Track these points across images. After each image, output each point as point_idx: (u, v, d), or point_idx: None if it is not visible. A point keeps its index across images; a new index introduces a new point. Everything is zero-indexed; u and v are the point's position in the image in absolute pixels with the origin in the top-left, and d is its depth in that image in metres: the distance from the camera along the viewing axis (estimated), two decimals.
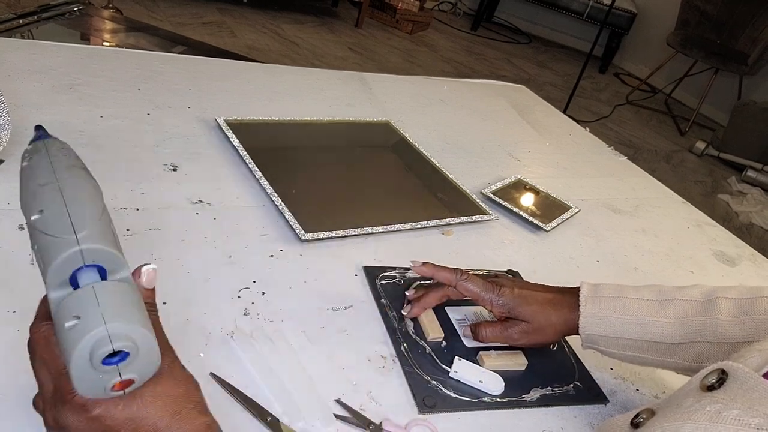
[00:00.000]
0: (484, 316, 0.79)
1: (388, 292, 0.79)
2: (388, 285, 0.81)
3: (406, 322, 0.75)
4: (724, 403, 0.47)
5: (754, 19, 4.08)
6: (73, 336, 0.36)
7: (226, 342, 0.66)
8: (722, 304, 0.66)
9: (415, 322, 0.76)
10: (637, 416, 0.55)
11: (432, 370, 0.70)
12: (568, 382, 0.74)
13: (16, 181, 0.78)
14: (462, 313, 0.79)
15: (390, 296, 0.79)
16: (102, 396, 0.40)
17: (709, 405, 0.47)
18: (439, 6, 5.40)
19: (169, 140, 0.96)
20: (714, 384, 0.50)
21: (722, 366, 0.51)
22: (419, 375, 0.69)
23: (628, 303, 0.69)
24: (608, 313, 0.69)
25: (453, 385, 0.69)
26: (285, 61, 3.40)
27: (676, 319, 0.67)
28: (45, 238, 0.39)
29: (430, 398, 0.67)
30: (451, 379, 0.70)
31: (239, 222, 0.84)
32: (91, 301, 0.37)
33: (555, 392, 0.72)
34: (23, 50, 1.09)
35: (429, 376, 0.69)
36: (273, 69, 1.36)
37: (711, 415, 0.46)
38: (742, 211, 3.27)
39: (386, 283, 0.81)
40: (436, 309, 0.78)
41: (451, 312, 0.79)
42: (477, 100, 1.52)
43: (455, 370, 0.70)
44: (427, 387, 0.68)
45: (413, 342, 0.73)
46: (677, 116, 4.51)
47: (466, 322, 0.78)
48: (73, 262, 0.38)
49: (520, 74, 4.43)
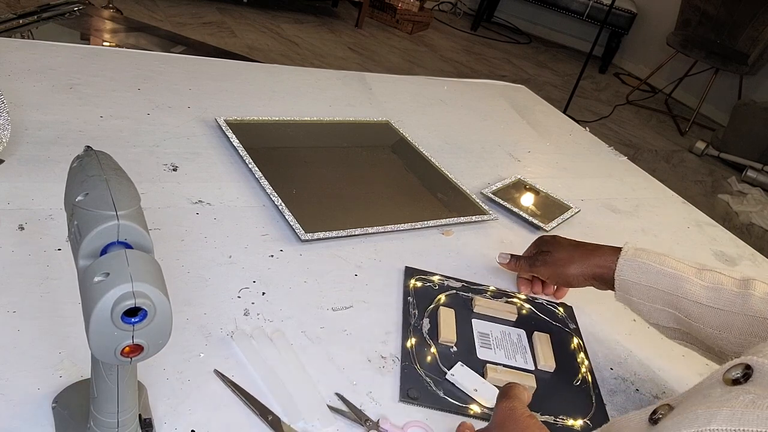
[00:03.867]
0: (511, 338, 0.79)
1: (417, 292, 0.81)
2: (421, 287, 0.82)
3: (423, 322, 0.76)
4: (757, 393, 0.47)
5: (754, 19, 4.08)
6: (100, 288, 0.39)
7: (226, 342, 0.66)
8: (758, 285, 0.68)
9: (432, 322, 0.76)
10: (655, 412, 0.55)
11: (430, 368, 0.70)
12: (578, 417, 0.71)
13: (16, 181, 0.78)
14: (488, 329, 0.79)
15: (418, 295, 0.80)
16: (111, 361, 0.42)
17: (741, 395, 0.47)
18: (439, 6, 5.40)
19: (169, 140, 0.96)
20: (740, 378, 0.50)
21: (746, 361, 0.51)
22: (415, 369, 0.69)
23: (667, 260, 0.72)
24: (647, 261, 0.72)
25: (445, 387, 0.69)
26: (285, 61, 3.40)
27: (711, 284, 0.70)
28: (87, 214, 0.42)
29: (415, 390, 0.67)
30: (446, 381, 0.69)
31: (239, 222, 0.84)
32: (122, 262, 0.40)
33: (557, 423, 0.69)
34: (23, 50, 1.09)
35: (424, 373, 0.69)
36: (273, 69, 1.36)
37: (746, 403, 0.46)
38: (742, 211, 3.27)
39: (420, 285, 0.82)
40: (463, 319, 0.79)
41: (477, 324, 0.79)
42: (477, 100, 1.52)
43: (452, 373, 0.70)
44: (418, 381, 0.68)
45: (423, 340, 0.74)
46: (677, 116, 4.51)
47: (489, 337, 0.78)
48: (108, 234, 0.41)
49: (520, 74, 4.43)
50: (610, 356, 0.82)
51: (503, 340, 0.78)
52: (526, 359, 0.76)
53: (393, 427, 0.62)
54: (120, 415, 0.48)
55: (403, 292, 0.80)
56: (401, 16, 4.59)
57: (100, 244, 0.42)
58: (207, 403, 0.59)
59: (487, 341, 0.77)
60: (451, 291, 0.83)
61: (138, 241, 0.43)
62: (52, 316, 0.62)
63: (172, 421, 0.56)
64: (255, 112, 1.11)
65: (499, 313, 0.81)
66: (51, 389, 0.55)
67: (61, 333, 0.61)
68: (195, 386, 0.60)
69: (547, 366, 0.75)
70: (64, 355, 0.59)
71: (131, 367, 0.47)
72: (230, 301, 0.71)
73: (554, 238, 0.84)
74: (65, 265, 0.68)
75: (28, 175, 0.80)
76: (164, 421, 0.56)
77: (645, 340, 0.86)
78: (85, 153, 0.48)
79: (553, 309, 0.86)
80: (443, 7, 5.44)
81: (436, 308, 0.79)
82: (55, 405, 0.54)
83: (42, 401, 0.54)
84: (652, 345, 0.86)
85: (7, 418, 0.52)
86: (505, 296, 0.85)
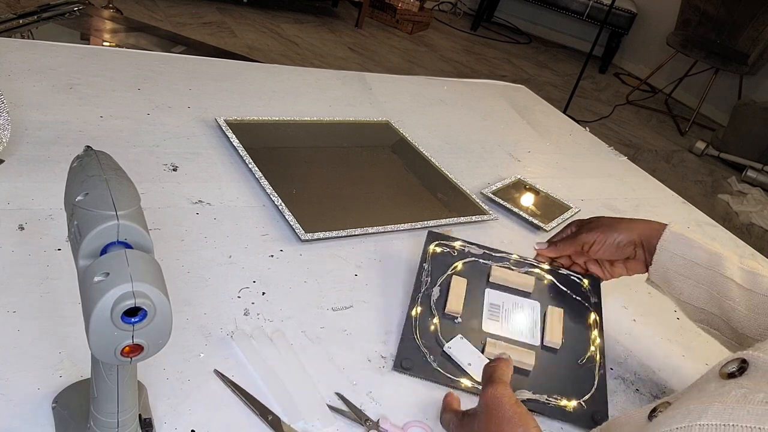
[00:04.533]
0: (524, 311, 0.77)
1: (435, 258, 0.80)
2: (440, 253, 0.80)
3: (433, 291, 0.75)
4: (749, 388, 0.47)
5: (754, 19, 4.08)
6: (100, 288, 0.39)
7: (226, 342, 0.66)
8: None
9: (442, 291, 0.76)
10: (654, 410, 0.55)
11: (430, 339, 0.70)
12: (573, 398, 0.69)
13: (16, 181, 0.78)
14: (501, 300, 0.78)
15: (434, 261, 0.79)
16: (111, 361, 0.42)
17: (734, 390, 0.47)
18: (439, 6, 5.40)
19: (169, 140, 0.96)
20: (735, 372, 0.50)
21: (743, 355, 0.51)
22: (414, 340, 0.69)
23: (710, 243, 0.74)
24: (692, 236, 0.74)
25: (441, 360, 0.68)
26: (285, 61, 3.40)
27: (749, 269, 0.71)
28: (87, 214, 0.42)
29: (409, 361, 0.67)
30: (443, 353, 0.69)
31: (239, 222, 0.84)
32: (122, 262, 0.40)
33: (549, 402, 0.68)
34: (23, 50, 1.09)
35: (423, 343, 0.69)
36: (273, 69, 1.36)
37: (737, 398, 0.46)
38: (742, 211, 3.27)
39: (441, 251, 0.81)
40: (476, 289, 0.77)
41: (490, 295, 0.78)
42: (477, 100, 1.52)
43: (450, 345, 0.69)
44: (415, 352, 0.68)
45: (428, 310, 0.73)
46: (677, 116, 4.51)
47: (499, 308, 0.76)
48: (108, 234, 0.42)
49: (520, 74, 4.43)
50: (610, 356, 0.81)
51: (513, 313, 0.77)
52: (533, 334, 0.75)
53: (393, 427, 0.62)
54: (120, 415, 0.48)
55: (421, 258, 0.79)
56: (401, 16, 4.59)
57: (100, 244, 0.42)
58: (207, 403, 0.59)
59: (496, 313, 0.76)
60: (470, 258, 0.81)
61: (138, 241, 0.43)
62: (52, 316, 0.62)
63: (172, 421, 0.56)
64: (255, 112, 1.11)
65: (515, 284, 0.80)
66: (51, 389, 0.55)
67: (61, 333, 0.61)
68: (195, 386, 0.60)
69: (552, 342, 0.74)
70: (64, 355, 0.59)
71: (131, 367, 0.47)
72: (230, 301, 0.71)
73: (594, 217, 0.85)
74: (65, 265, 0.68)
75: (28, 175, 0.80)
76: (164, 421, 0.56)
77: (645, 340, 0.86)
78: (85, 153, 0.48)
79: (578, 281, 0.83)
80: (443, 7, 5.44)
81: (449, 277, 0.78)
82: (55, 405, 0.54)
83: (42, 401, 0.54)
84: (652, 345, 0.86)
85: (7, 418, 0.52)
86: (527, 265, 0.83)
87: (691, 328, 0.92)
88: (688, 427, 0.46)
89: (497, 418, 0.54)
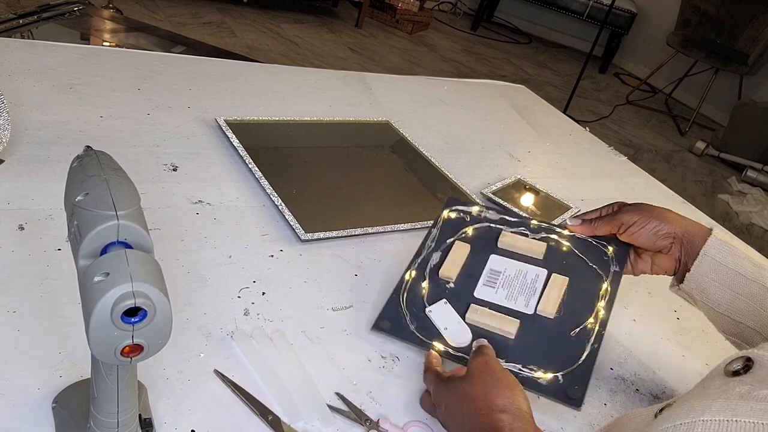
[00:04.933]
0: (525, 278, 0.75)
1: (445, 223, 0.78)
2: (453, 219, 0.79)
3: (433, 256, 0.75)
4: (753, 384, 0.47)
5: (754, 19, 4.08)
6: (100, 288, 0.39)
7: (226, 342, 0.66)
8: None
9: (443, 256, 0.75)
10: (662, 411, 0.55)
11: (415, 302, 0.70)
12: (551, 369, 0.66)
13: (16, 181, 0.78)
14: (503, 266, 0.75)
15: (444, 227, 0.78)
16: (111, 361, 0.42)
17: (738, 386, 0.48)
18: (439, 6, 5.40)
19: (169, 140, 0.96)
20: (740, 370, 0.50)
21: (748, 354, 0.51)
22: (399, 303, 0.69)
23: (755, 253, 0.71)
24: (737, 245, 0.70)
25: (420, 323, 0.68)
26: (285, 61, 3.40)
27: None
28: (87, 214, 0.42)
29: (387, 322, 0.67)
30: (424, 317, 0.68)
31: (239, 222, 0.84)
32: (122, 262, 0.40)
33: (521, 372, 0.66)
34: (23, 50, 1.09)
35: (406, 306, 0.69)
36: (273, 69, 1.36)
37: (741, 394, 0.46)
38: (742, 211, 3.27)
39: (454, 216, 0.79)
40: (479, 255, 0.76)
41: (493, 261, 0.76)
42: (477, 100, 1.52)
43: (431, 309, 0.69)
44: (395, 313, 0.68)
45: (422, 273, 0.72)
46: (677, 116, 4.51)
47: (499, 275, 0.74)
48: (108, 234, 0.42)
49: (520, 74, 4.43)
50: (610, 356, 0.81)
51: (514, 280, 0.74)
52: (528, 302, 0.73)
53: (393, 427, 0.62)
54: (120, 415, 0.48)
55: (432, 223, 0.78)
56: (401, 16, 4.59)
57: (100, 243, 0.42)
58: (207, 403, 0.59)
59: (494, 279, 0.74)
60: (483, 224, 0.78)
61: (138, 240, 0.43)
62: (52, 316, 0.62)
63: (172, 421, 0.56)
64: (255, 112, 1.11)
65: (523, 249, 0.77)
66: (51, 389, 0.55)
67: (61, 333, 0.61)
68: (195, 386, 0.60)
69: (545, 311, 0.72)
70: (64, 355, 0.59)
71: (131, 367, 0.47)
72: (230, 301, 0.71)
73: None
74: (65, 265, 0.68)
75: (28, 175, 0.80)
76: (164, 421, 0.56)
77: (645, 340, 0.86)
78: (85, 153, 0.48)
79: (602, 247, 0.78)
80: (443, 7, 5.44)
81: (453, 242, 0.76)
82: (55, 405, 0.54)
83: (42, 401, 0.54)
84: (652, 345, 0.86)
85: (7, 418, 0.52)
86: (545, 231, 0.79)
87: (691, 328, 0.92)
88: (691, 423, 0.46)
89: (485, 381, 0.58)
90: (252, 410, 0.59)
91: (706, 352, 0.88)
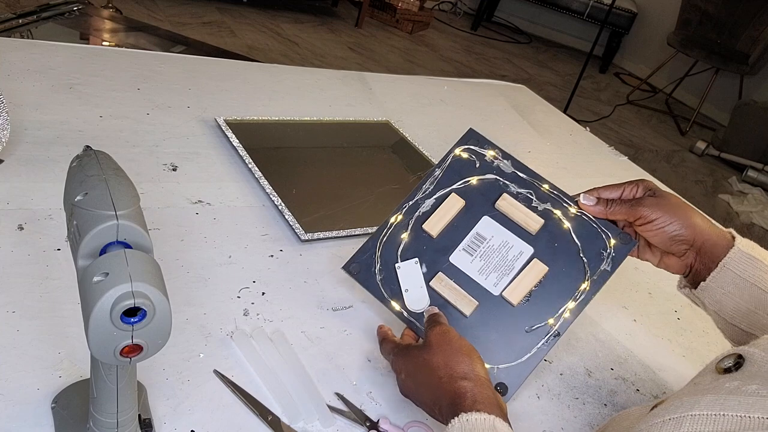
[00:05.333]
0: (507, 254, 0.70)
1: (453, 164, 0.72)
2: (463, 159, 0.73)
3: (425, 203, 0.70)
4: (743, 380, 0.47)
5: (755, 19, 4.07)
6: (100, 288, 0.39)
7: (226, 342, 0.66)
8: None
9: (434, 207, 0.71)
10: (655, 407, 0.55)
11: (389, 252, 0.68)
12: (490, 358, 0.65)
13: (16, 181, 0.78)
14: (491, 233, 0.70)
15: (450, 169, 0.72)
16: (111, 361, 0.42)
17: (728, 382, 0.48)
18: (439, 6, 5.40)
19: (168, 140, 0.96)
20: (731, 367, 0.50)
21: (739, 351, 0.51)
22: (375, 248, 0.67)
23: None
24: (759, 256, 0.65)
25: (388, 275, 0.66)
26: (285, 60, 3.40)
27: None
28: (86, 214, 0.42)
29: (358, 266, 0.66)
30: (392, 270, 0.67)
31: (239, 222, 0.84)
32: (121, 262, 0.40)
33: None
34: (23, 50, 1.09)
35: (380, 254, 0.67)
36: (273, 69, 1.35)
37: (730, 389, 0.46)
38: (743, 211, 3.27)
39: (466, 157, 0.73)
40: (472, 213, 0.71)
41: (483, 224, 0.71)
42: (477, 100, 1.51)
43: (400, 266, 0.67)
44: (368, 258, 0.66)
45: (408, 219, 0.69)
46: (678, 116, 4.51)
47: (482, 242, 0.70)
48: (108, 234, 0.42)
49: (520, 74, 4.43)
50: (610, 356, 0.81)
51: (495, 252, 0.70)
52: (498, 281, 0.69)
53: (393, 427, 0.62)
54: (119, 415, 0.48)
55: (439, 161, 0.72)
56: (401, 16, 4.59)
57: (100, 243, 0.42)
58: (207, 403, 0.59)
59: (475, 247, 0.70)
60: (491, 176, 0.71)
61: (137, 240, 0.43)
62: (52, 316, 0.62)
63: (172, 421, 0.56)
64: (255, 112, 1.11)
65: (519, 220, 0.71)
66: (51, 389, 0.55)
67: (61, 333, 0.61)
68: (195, 386, 0.60)
69: (510, 298, 0.68)
70: (63, 355, 0.59)
71: (131, 367, 0.47)
72: (230, 301, 0.71)
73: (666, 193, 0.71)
74: (65, 265, 0.68)
75: (28, 175, 0.80)
76: (164, 421, 0.56)
77: (645, 340, 0.86)
78: (85, 153, 0.48)
79: (604, 237, 0.70)
80: (443, 7, 5.44)
81: (449, 193, 0.71)
82: (54, 405, 0.54)
83: (42, 401, 0.54)
84: (652, 345, 0.86)
85: (6, 418, 0.52)
86: (551, 202, 0.73)
87: (692, 329, 0.92)
88: (680, 417, 0.46)
89: (444, 350, 0.59)
90: (252, 410, 0.59)
91: (706, 352, 0.88)
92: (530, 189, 0.73)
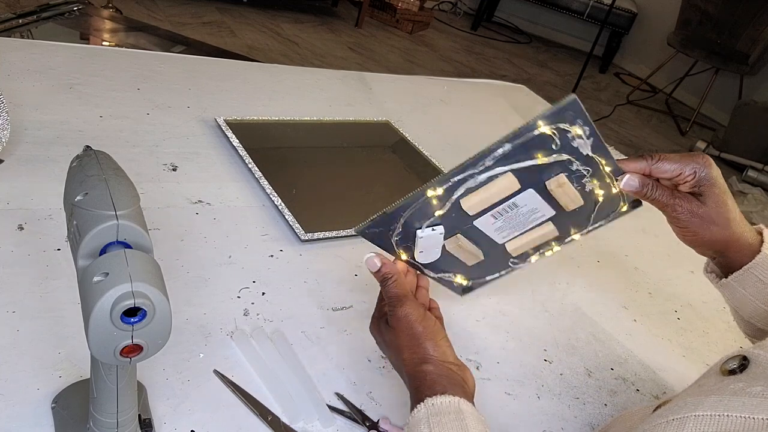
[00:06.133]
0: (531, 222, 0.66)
1: (531, 141, 0.62)
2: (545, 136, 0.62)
3: (476, 178, 0.60)
4: (747, 382, 0.47)
5: (755, 19, 4.07)
6: (100, 288, 0.39)
7: (226, 342, 0.66)
8: None
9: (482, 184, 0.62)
10: (659, 407, 0.55)
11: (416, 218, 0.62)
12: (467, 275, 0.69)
13: (16, 181, 0.78)
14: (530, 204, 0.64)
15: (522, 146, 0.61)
16: (111, 361, 0.42)
17: (732, 384, 0.48)
18: (439, 6, 5.40)
19: (168, 140, 0.96)
20: (736, 369, 0.50)
21: (744, 353, 0.51)
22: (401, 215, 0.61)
23: None
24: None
25: (406, 238, 0.63)
26: (285, 60, 3.40)
27: None
28: (86, 214, 0.42)
29: (373, 233, 0.62)
30: (412, 237, 0.63)
31: (239, 222, 0.84)
32: (121, 262, 0.41)
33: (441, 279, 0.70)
34: (23, 50, 1.09)
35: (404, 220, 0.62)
36: (273, 69, 1.35)
37: (735, 391, 0.46)
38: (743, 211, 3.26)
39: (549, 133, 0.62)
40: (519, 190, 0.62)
41: (525, 197, 0.63)
42: (477, 100, 1.51)
43: (421, 235, 0.63)
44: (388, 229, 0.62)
45: (448, 196, 0.61)
46: (678, 116, 4.51)
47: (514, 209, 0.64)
48: (108, 234, 0.42)
49: (520, 74, 4.43)
50: (610, 356, 0.81)
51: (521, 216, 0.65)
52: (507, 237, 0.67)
53: (393, 427, 0.62)
54: (119, 415, 0.48)
55: (512, 134, 0.60)
56: (401, 16, 4.59)
57: (100, 243, 0.42)
58: (207, 403, 0.59)
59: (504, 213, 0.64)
60: (564, 157, 0.61)
61: (137, 240, 0.43)
62: (52, 316, 0.62)
63: (172, 421, 0.56)
64: (255, 112, 1.11)
65: (563, 201, 0.64)
66: (51, 389, 0.55)
67: (61, 333, 0.61)
68: (195, 386, 0.60)
69: (510, 250, 0.68)
70: (63, 355, 0.59)
71: (131, 367, 0.47)
72: (230, 301, 0.71)
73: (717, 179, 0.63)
74: (65, 265, 0.68)
75: (28, 175, 0.80)
76: (164, 421, 0.56)
77: (645, 340, 0.86)
78: (85, 153, 0.48)
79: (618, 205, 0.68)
80: (443, 7, 5.44)
81: (506, 171, 0.60)
82: (54, 405, 0.54)
83: (42, 401, 0.54)
84: (653, 345, 0.86)
85: (6, 418, 0.52)
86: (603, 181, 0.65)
87: (692, 329, 0.92)
88: (683, 418, 0.46)
89: (407, 335, 0.59)
90: (252, 410, 0.59)
91: (707, 352, 0.88)
92: (592, 167, 0.63)
